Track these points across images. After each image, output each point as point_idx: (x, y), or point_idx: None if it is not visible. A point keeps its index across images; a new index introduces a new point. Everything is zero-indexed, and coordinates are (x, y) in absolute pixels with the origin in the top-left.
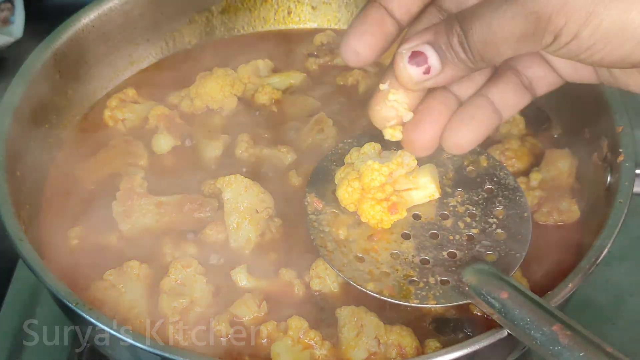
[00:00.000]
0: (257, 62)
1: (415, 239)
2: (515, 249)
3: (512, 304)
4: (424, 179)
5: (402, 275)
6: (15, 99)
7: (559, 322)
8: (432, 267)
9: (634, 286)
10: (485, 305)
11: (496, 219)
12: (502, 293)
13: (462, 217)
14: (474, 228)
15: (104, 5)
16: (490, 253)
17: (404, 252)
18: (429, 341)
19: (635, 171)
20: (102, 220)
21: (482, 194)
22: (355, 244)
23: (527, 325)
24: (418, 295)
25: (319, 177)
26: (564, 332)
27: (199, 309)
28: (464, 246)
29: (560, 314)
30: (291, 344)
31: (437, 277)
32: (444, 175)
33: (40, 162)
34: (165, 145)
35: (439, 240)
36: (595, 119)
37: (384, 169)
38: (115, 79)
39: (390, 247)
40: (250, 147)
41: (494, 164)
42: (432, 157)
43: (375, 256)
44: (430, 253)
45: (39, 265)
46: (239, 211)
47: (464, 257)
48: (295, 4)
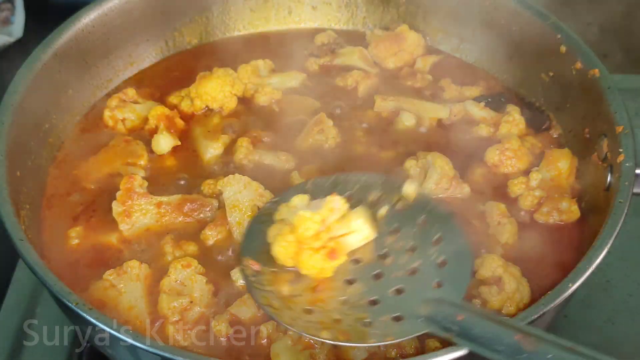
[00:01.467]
0: (257, 62)
1: (360, 282)
2: (461, 272)
3: (469, 324)
4: (357, 221)
5: (353, 319)
6: (16, 99)
7: (520, 332)
8: (382, 306)
9: (634, 286)
10: (443, 331)
11: (436, 246)
12: (458, 315)
13: (402, 252)
14: (416, 261)
15: (104, 5)
16: (437, 280)
17: (350, 297)
18: (429, 341)
19: (635, 171)
20: (102, 220)
21: (417, 226)
22: (300, 297)
23: (489, 340)
24: (374, 335)
25: (252, 239)
26: (527, 339)
27: (199, 309)
28: (410, 280)
29: (520, 325)
30: (291, 344)
31: (390, 314)
32: (377, 214)
33: (40, 162)
34: (165, 145)
35: (383, 278)
36: (595, 119)
37: (316, 217)
38: (115, 79)
39: (336, 295)
40: (250, 153)
41: (421, 197)
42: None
43: (323, 306)
44: (378, 293)
45: (39, 265)
46: (239, 208)
47: (412, 290)
48: (295, 4)
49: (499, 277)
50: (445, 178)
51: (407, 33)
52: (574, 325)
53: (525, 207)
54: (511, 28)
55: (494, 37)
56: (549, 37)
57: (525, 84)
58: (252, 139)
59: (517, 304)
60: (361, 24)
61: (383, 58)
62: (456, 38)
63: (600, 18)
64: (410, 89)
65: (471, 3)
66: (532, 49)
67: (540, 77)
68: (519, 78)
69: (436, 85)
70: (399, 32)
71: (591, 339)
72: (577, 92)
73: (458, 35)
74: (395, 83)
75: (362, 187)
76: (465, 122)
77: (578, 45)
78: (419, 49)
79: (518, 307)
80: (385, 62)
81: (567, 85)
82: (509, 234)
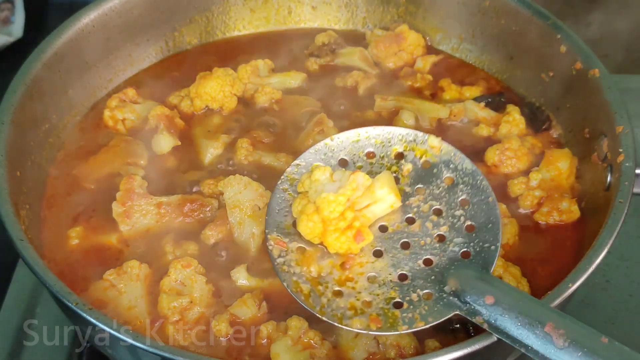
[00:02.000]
0: (257, 62)
1: (387, 254)
2: (489, 240)
3: (498, 311)
4: (381, 191)
5: (383, 299)
6: (15, 99)
7: (551, 321)
8: (411, 281)
9: (634, 286)
10: (471, 315)
11: (462, 210)
12: (487, 298)
13: (428, 216)
14: (443, 226)
15: (104, 5)
16: (465, 250)
17: (380, 272)
18: (428, 341)
19: (635, 171)
20: (102, 220)
21: (442, 186)
22: (329, 277)
23: (519, 332)
24: (405, 319)
25: (276, 212)
26: (557, 331)
27: (199, 309)
28: (437, 249)
29: (551, 310)
30: (291, 344)
31: (419, 291)
32: (400, 174)
33: (40, 162)
34: (165, 145)
35: (412, 249)
36: (595, 119)
37: (341, 198)
38: (115, 79)
39: (365, 271)
40: (250, 154)
41: (447, 150)
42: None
43: (352, 285)
44: (406, 266)
45: (39, 265)
46: (240, 208)
47: (440, 261)
48: (295, 4)
49: (499, 277)
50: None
51: (407, 33)
52: None
53: (525, 207)
54: (511, 28)
55: (494, 37)
56: (549, 37)
57: (525, 84)
58: (252, 140)
59: None
60: (361, 24)
61: (383, 58)
62: (456, 38)
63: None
64: (410, 89)
65: (471, 3)
66: (532, 49)
67: (540, 77)
68: (519, 78)
69: (436, 85)
70: (399, 32)
71: None
72: (577, 92)
73: (458, 35)
74: (395, 83)
75: (384, 141)
76: (465, 122)
77: (578, 45)
78: (419, 49)
79: None
80: (385, 62)
81: (567, 85)
82: (510, 234)
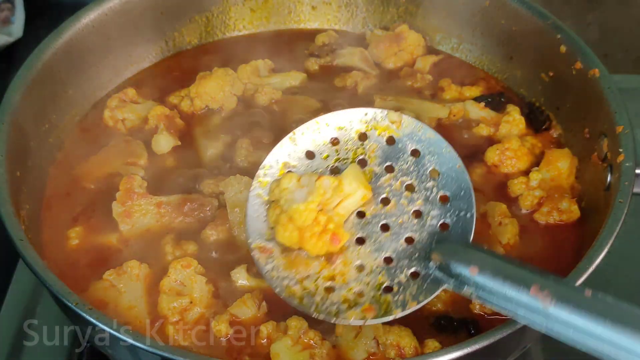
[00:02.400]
0: (257, 62)
1: (369, 239)
2: (464, 208)
3: (483, 279)
4: (349, 187)
5: (374, 286)
6: (16, 99)
7: (535, 282)
8: (397, 263)
9: (634, 286)
10: (460, 286)
11: (433, 181)
12: (471, 269)
13: (402, 193)
14: (417, 200)
15: (104, 5)
16: (442, 222)
17: (365, 259)
18: (428, 341)
19: (635, 171)
20: (102, 220)
21: (409, 160)
22: (318, 276)
23: (505, 297)
24: (397, 302)
25: (254, 218)
26: (542, 292)
27: (199, 309)
28: (416, 225)
29: (534, 272)
30: (291, 344)
31: (406, 271)
32: (366, 156)
33: (40, 162)
34: (165, 145)
35: (391, 230)
36: (595, 119)
37: (311, 206)
38: (115, 79)
39: (351, 260)
40: (250, 154)
41: (408, 123)
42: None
43: (341, 278)
44: (389, 248)
45: (39, 265)
46: (240, 207)
47: (420, 237)
48: (295, 4)
49: None
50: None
51: (407, 33)
52: None
53: (525, 207)
54: (511, 28)
55: (494, 37)
56: (549, 37)
57: (525, 84)
58: (252, 140)
59: None
60: (361, 24)
61: (383, 58)
62: (456, 38)
63: (600, 18)
64: (410, 89)
65: (471, 3)
66: (532, 49)
67: (540, 77)
68: (519, 78)
69: (436, 85)
70: (399, 32)
71: None
72: (577, 92)
73: (458, 35)
74: (395, 83)
75: (346, 125)
76: (465, 122)
77: (578, 45)
78: (419, 49)
79: None
80: (385, 62)
81: (567, 85)
82: (511, 234)
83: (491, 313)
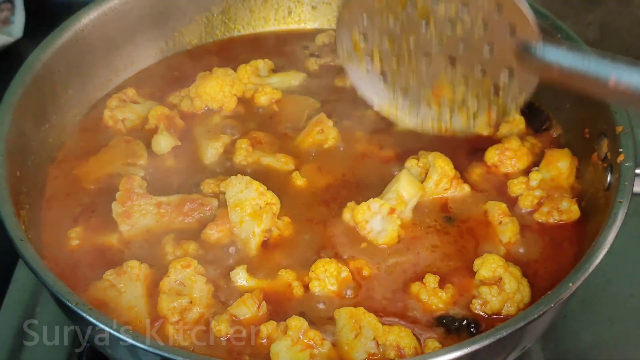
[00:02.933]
0: (257, 62)
1: (457, 61)
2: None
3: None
4: (406, 194)
5: (485, 93)
6: (15, 99)
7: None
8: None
9: (634, 286)
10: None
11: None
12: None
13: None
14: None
15: (104, 5)
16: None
17: (460, 78)
18: (428, 341)
19: (635, 171)
20: (102, 221)
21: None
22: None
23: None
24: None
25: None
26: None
27: (199, 309)
28: (486, 37)
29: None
30: (291, 344)
31: (502, 75)
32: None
33: (40, 162)
34: (165, 145)
35: (471, 47)
36: (595, 119)
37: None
38: (115, 79)
39: (453, 83)
40: (249, 155)
41: None
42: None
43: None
44: (478, 61)
45: (39, 265)
46: (241, 207)
47: (497, 46)
48: (295, 4)
49: (500, 277)
50: (445, 178)
51: None
52: (574, 325)
53: (525, 207)
54: None
55: None
56: (549, 37)
57: None
58: (251, 140)
59: (517, 304)
60: None
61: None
62: None
63: (600, 18)
64: None
65: None
66: None
67: None
68: None
69: None
70: None
71: (591, 339)
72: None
73: None
74: None
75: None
76: None
77: (578, 45)
78: None
79: (518, 307)
80: None
81: None
82: (511, 233)
83: (491, 313)
